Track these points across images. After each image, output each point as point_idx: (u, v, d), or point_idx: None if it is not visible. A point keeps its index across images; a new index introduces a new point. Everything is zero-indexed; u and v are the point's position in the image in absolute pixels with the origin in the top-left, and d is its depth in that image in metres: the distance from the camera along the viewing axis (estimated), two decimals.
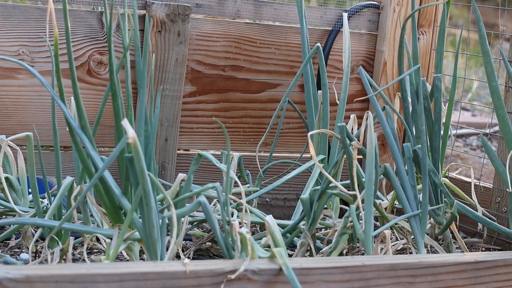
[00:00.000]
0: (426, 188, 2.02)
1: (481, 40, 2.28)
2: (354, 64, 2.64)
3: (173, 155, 2.41)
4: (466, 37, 2.72)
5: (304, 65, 2.33)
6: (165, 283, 1.34)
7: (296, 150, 2.61)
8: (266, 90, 2.56)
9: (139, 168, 1.48)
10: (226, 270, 1.38)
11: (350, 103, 2.63)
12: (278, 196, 2.59)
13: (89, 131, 1.78)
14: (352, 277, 1.48)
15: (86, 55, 2.32)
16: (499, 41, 2.62)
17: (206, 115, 2.49)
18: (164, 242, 1.68)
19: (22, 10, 2.24)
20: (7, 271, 1.24)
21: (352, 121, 2.31)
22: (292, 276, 1.40)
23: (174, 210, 1.58)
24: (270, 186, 2.22)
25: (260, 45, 2.52)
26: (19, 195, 2.06)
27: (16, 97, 2.27)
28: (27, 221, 1.89)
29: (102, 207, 1.82)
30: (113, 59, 1.81)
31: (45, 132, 2.24)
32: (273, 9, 2.54)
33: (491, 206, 2.46)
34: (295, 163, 2.41)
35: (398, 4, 2.62)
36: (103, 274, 1.30)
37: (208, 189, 1.76)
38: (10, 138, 2.02)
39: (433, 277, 1.56)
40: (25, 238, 2.01)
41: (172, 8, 2.33)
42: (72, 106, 1.95)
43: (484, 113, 5.13)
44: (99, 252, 2.02)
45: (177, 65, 2.37)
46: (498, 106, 2.29)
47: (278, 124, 2.46)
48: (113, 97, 1.83)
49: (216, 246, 2.10)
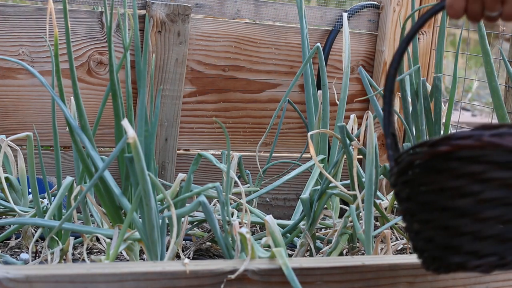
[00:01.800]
0: None
1: (481, 40, 2.28)
2: (354, 64, 2.64)
3: (173, 155, 2.41)
4: (466, 37, 2.73)
5: (304, 65, 2.33)
6: (165, 283, 1.34)
7: (296, 150, 2.61)
8: (266, 90, 2.56)
9: (139, 168, 1.48)
10: (226, 270, 1.38)
11: (350, 103, 2.63)
12: (278, 196, 2.59)
13: (89, 131, 1.78)
14: (352, 277, 1.48)
15: (86, 55, 2.32)
16: (499, 41, 2.62)
17: (206, 115, 2.49)
18: (164, 242, 1.68)
19: (22, 10, 2.24)
20: (7, 271, 1.24)
21: (352, 121, 2.31)
22: (292, 276, 1.40)
23: (174, 210, 1.58)
24: (270, 186, 2.22)
25: (260, 45, 2.52)
26: (19, 195, 2.06)
27: (16, 97, 2.27)
28: (27, 221, 1.89)
29: (102, 207, 1.82)
30: (113, 59, 1.81)
31: (45, 132, 2.23)
32: (273, 9, 2.54)
33: None
34: (295, 163, 2.41)
35: (398, 4, 2.62)
36: (103, 274, 1.30)
37: (208, 189, 1.76)
38: (10, 138, 2.02)
39: (433, 277, 1.56)
40: (25, 238, 2.01)
41: (172, 8, 2.33)
42: (72, 106, 1.95)
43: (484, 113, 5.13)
44: (99, 252, 2.02)
45: (177, 65, 2.37)
46: (498, 106, 2.29)
47: (278, 124, 2.46)
48: (113, 97, 1.84)
49: (216, 246, 2.10)
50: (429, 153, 1.22)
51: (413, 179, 1.27)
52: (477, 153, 1.19)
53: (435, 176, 1.24)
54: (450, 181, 1.22)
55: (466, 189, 1.21)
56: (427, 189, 1.25)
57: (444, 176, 1.22)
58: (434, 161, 1.23)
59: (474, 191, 1.20)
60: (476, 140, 1.18)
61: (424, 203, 1.26)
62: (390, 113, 1.33)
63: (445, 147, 1.20)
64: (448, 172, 1.22)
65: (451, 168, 1.21)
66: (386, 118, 1.33)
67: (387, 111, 1.33)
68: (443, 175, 1.23)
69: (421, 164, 1.25)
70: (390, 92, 1.33)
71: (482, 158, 1.20)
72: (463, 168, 1.20)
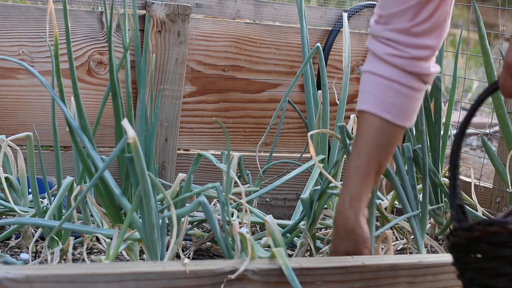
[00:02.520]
0: (426, 188, 2.02)
1: (481, 40, 2.28)
2: (354, 64, 2.64)
3: (173, 155, 2.41)
4: (466, 37, 2.72)
5: (304, 65, 2.33)
6: (165, 283, 1.34)
7: (296, 150, 2.61)
8: (266, 90, 2.56)
9: (139, 168, 1.48)
10: (226, 270, 1.38)
11: (350, 103, 2.63)
12: (278, 196, 2.59)
13: (89, 131, 1.78)
14: (352, 277, 1.48)
15: (86, 55, 2.32)
16: (499, 41, 2.62)
17: (206, 115, 2.49)
18: (164, 242, 1.68)
19: (22, 10, 2.24)
20: (7, 271, 1.24)
21: (352, 121, 2.31)
22: (292, 276, 1.40)
23: (174, 210, 1.58)
24: (270, 186, 2.22)
25: (260, 45, 2.52)
26: (19, 195, 2.06)
27: (16, 97, 2.27)
28: (27, 221, 1.89)
29: (102, 207, 1.82)
30: (113, 59, 1.81)
31: (45, 132, 2.23)
32: (273, 9, 2.54)
33: (491, 206, 2.46)
34: (295, 163, 2.41)
35: None
36: (103, 274, 1.30)
37: (208, 189, 1.76)
38: (10, 138, 2.02)
39: (433, 277, 1.56)
40: (25, 238, 2.01)
41: (172, 8, 2.33)
42: (72, 106, 1.95)
43: (484, 113, 5.13)
44: (99, 252, 2.02)
45: (177, 65, 2.37)
46: (498, 106, 2.29)
47: (278, 124, 2.46)
48: (113, 97, 1.84)
49: (216, 246, 2.10)
50: (466, 237, 1.33)
51: (459, 257, 1.37)
52: (506, 238, 1.29)
53: (475, 257, 1.34)
54: (486, 262, 1.32)
55: (500, 270, 1.30)
56: (472, 267, 1.35)
57: (482, 257, 1.33)
58: (472, 244, 1.33)
59: (508, 272, 1.30)
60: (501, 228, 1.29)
61: (471, 279, 1.35)
62: (455, 185, 1.41)
63: (476, 232, 1.31)
64: (484, 254, 1.32)
65: (486, 251, 1.32)
66: (452, 191, 1.41)
67: (453, 184, 1.41)
68: (481, 256, 1.33)
69: (463, 245, 1.35)
70: (454, 166, 1.41)
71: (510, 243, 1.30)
72: (495, 251, 1.30)
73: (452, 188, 1.41)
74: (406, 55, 1.56)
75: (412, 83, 1.58)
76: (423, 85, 1.60)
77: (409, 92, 1.58)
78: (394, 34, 1.56)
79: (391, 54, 1.57)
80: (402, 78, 1.57)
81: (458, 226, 1.36)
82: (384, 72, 1.58)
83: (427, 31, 1.55)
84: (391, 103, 1.57)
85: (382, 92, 1.58)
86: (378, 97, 1.58)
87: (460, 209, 1.40)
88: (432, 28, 1.56)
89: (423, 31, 1.55)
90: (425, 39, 1.56)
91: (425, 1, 1.53)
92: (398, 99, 1.57)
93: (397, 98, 1.57)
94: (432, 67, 1.59)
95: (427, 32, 1.55)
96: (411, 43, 1.56)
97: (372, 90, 1.59)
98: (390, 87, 1.57)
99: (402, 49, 1.56)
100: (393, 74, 1.57)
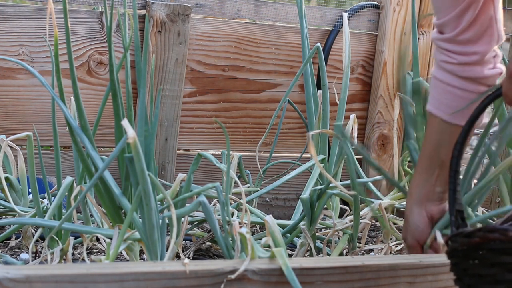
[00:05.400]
0: None
1: None
2: (354, 64, 2.64)
3: (173, 155, 2.41)
4: None
5: (304, 65, 2.33)
6: (165, 283, 1.34)
7: (296, 150, 2.61)
8: (266, 90, 2.56)
9: (139, 168, 1.48)
10: (226, 270, 1.38)
11: (350, 103, 2.63)
12: (278, 196, 2.59)
13: (89, 131, 1.78)
14: (352, 277, 1.48)
15: (86, 55, 2.32)
16: None
17: (206, 115, 2.49)
18: (164, 242, 1.68)
19: (22, 10, 2.24)
20: (7, 271, 1.24)
21: (352, 121, 2.31)
22: (292, 276, 1.40)
23: (174, 210, 1.58)
24: (270, 186, 2.22)
25: (260, 45, 2.52)
26: (19, 195, 2.06)
27: (16, 97, 2.27)
28: (27, 221, 1.89)
29: (102, 207, 1.82)
30: (113, 59, 1.81)
31: (45, 132, 2.23)
32: (273, 9, 2.54)
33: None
34: (295, 163, 2.41)
35: (398, 4, 2.62)
36: (103, 274, 1.30)
37: (208, 189, 1.76)
38: (10, 138, 2.02)
39: (433, 277, 1.56)
40: (25, 238, 2.01)
41: (172, 8, 2.33)
42: (72, 106, 1.95)
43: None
44: (99, 252, 2.02)
45: (177, 65, 2.37)
46: (498, 106, 2.29)
47: (278, 124, 2.46)
48: (113, 97, 1.84)
49: (216, 246, 2.10)
50: (465, 243, 1.33)
51: (457, 263, 1.37)
52: (506, 245, 1.29)
53: (473, 263, 1.34)
54: (485, 269, 1.32)
55: (498, 277, 1.31)
56: (470, 273, 1.35)
57: (480, 264, 1.33)
58: (471, 250, 1.33)
59: (506, 279, 1.30)
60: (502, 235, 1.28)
61: (469, 285, 1.35)
62: (455, 191, 1.43)
63: (476, 239, 1.31)
64: (483, 260, 1.32)
65: (485, 257, 1.32)
66: (452, 196, 1.43)
67: (452, 190, 1.43)
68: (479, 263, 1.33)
69: (462, 251, 1.35)
70: (455, 172, 1.43)
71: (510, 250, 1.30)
72: (494, 258, 1.31)
73: (451, 193, 1.43)
74: (455, 61, 1.66)
75: (466, 86, 1.67)
76: (480, 87, 1.67)
77: (463, 94, 1.68)
78: (444, 43, 1.67)
79: (444, 61, 1.68)
80: (455, 82, 1.68)
81: (457, 232, 1.36)
82: (441, 76, 1.69)
83: (473, 38, 1.64)
84: (447, 104, 1.69)
85: (440, 95, 1.70)
86: (437, 98, 1.71)
87: (459, 215, 1.40)
88: (477, 35, 1.63)
89: (468, 39, 1.63)
90: (472, 46, 1.64)
91: (461, 12, 1.61)
92: (453, 100, 1.68)
93: (453, 100, 1.68)
94: (486, 69, 1.67)
95: (473, 39, 1.64)
96: (458, 51, 1.65)
97: (433, 92, 1.72)
98: (445, 90, 1.69)
99: (451, 56, 1.66)
100: (447, 78, 1.68)
